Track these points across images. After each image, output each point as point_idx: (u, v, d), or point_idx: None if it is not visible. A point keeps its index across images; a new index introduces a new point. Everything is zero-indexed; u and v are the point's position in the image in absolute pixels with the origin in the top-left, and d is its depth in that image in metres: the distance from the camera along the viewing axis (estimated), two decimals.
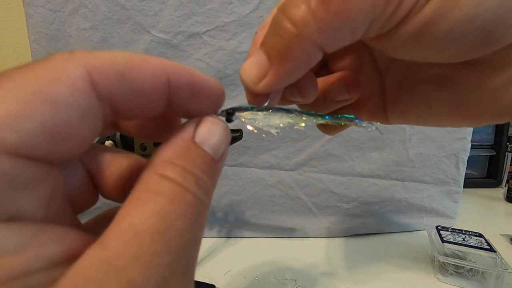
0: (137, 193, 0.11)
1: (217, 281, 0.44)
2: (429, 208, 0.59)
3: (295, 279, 0.45)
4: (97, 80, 0.10)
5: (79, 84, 0.10)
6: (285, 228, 0.57)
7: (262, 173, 0.55)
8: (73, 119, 0.10)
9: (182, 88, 0.12)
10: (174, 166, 0.12)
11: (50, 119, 0.09)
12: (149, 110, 0.12)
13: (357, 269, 0.48)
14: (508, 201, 0.73)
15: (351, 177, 0.56)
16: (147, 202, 0.11)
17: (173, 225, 0.10)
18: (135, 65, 0.11)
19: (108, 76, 0.10)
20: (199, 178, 0.12)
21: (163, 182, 0.11)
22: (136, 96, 0.11)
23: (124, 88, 0.11)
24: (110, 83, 0.10)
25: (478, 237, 0.48)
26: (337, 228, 0.57)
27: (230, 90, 0.51)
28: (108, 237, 0.10)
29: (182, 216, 0.11)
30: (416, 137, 0.55)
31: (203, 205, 0.12)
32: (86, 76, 0.10)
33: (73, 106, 0.10)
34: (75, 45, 0.48)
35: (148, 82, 0.11)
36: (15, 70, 0.09)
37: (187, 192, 0.11)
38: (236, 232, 0.57)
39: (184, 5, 0.47)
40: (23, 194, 0.10)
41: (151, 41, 0.48)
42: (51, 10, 0.46)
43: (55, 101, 0.09)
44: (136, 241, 0.10)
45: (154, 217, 0.10)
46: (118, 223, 0.10)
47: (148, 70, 0.11)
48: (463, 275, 0.44)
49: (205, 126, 0.13)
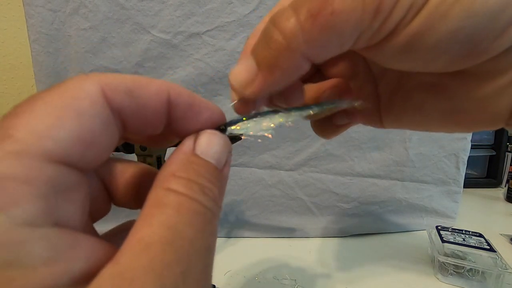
0: (146, 209, 0.11)
1: (217, 281, 0.44)
2: (429, 208, 0.59)
3: (295, 279, 0.45)
4: (109, 94, 0.12)
5: (96, 98, 0.11)
6: (285, 228, 0.57)
7: (262, 173, 0.55)
8: (95, 127, 0.11)
9: (181, 106, 0.13)
10: (178, 179, 0.12)
11: (78, 127, 0.11)
12: (152, 126, 0.13)
13: (357, 269, 0.48)
14: (508, 201, 0.73)
15: (351, 177, 0.56)
16: (154, 215, 0.11)
17: (181, 235, 0.11)
18: (141, 84, 0.13)
19: (118, 92, 0.12)
20: (204, 187, 0.12)
21: (169, 195, 0.12)
22: (141, 111, 0.13)
23: (131, 103, 0.12)
24: (120, 98, 0.12)
25: (478, 237, 0.48)
26: (337, 228, 0.57)
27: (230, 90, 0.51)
28: (121, 253, 0.10)
29: (189, 225, 0.11)
30: (416, 137, 0.55)
31: (210, 213, 0.12)
32: (100, 91, 0.11)
33: (94, 116, 0.11)
34: (75, 45, 0.48)
35: (152, 98, 0.13)
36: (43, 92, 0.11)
37: (193, 201, 0.12)
38: (236, 232, 0.57)
39: (184, 5, 0.47)
40: (65, 200, 0.10)
41: (151, 41, 0.48)
42: (51, 10, 0.46)
43: (79, 113, 0.11)
44: (146, 253, 0.10)
45: (162, 228, 0.11)
46: (129, 238, 0.11)
47: (152, 88, 0.13)
48: (463, 275, 0.44)
49: (204, 138, 0.14)
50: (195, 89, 0.51)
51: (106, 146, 0.12)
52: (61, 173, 0.10)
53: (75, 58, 0.48)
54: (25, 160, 0.09)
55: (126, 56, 0.49)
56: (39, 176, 0.10)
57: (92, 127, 0.11)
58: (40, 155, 0.10)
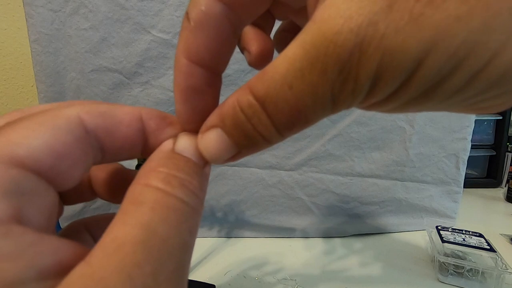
0: (123, 207, 0.11)
1: (217, 281, 0.44)
2: (429, 208, 0.59)
3: (295, 279, 0.45)
4: (84, 117, 0.13)
5: (72, 119, 0.12)
6: (285, 228, 0.57)
7: (262, 173, 0.55)
8: (68, 140, 0.12)
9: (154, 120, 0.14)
10: (158, 173, 0.12)
11: (51, 139, 0.11)
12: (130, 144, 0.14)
13: (357, 269, 0.48)
14: (508, 201, 0.73)
15: (351, 177, 0.56)
16: (129, 213, 0.11)
17: (155, 233, 0.11)
18: (115, 106, 0.14)
19: (92, 113, 0.13)
20: (184, 180, 0.12)
21: (145, 191, 0.12)
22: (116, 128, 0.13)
23: (105, 122, 0.13)
24: (94, 119, 0.13)
25: (478, 237, 0.48)
26: (337, 228, 0.57)
27: (230, 90, 0.51)
28: (93, 253, 0.10)
29: (164, 222, 0.11)
30: (416, 137, 0.55)
31: (189, 208, 0.12)
32: (76, 113, 0.12)
33: (67, 132, 0.12)
34: (75, 45, 0.48)
35: (125, 116, 0.14)
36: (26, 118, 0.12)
37: (170, 196, 0.12)
38: (236, 232, 0.57)
39: (184, 5, 0.47)
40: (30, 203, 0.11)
41: (151, 41, 0.48)
42: (51, 10, 0.46)
43: (55, 127, 0.12)
44: (118, 253, 0.10)
45: (136, 227, 0.10)
46: (103, 238, 0.11)
47: (125, 109, 0.14)
48: (463, 275, 0.44)
49: (181, 138, 0.14)
50: None
51: (79, 161, 0.12)
52: (28, 178, 0.11)
53: (75, 58, 0.48)
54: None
55: (126, 56, 0.49)
56: (4, 177, 0.10)
57: (65, 139, 0.12)
58: (8, 159, 0.10)
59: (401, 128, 0.55)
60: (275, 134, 0.13)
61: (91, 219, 0.17)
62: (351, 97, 0.12)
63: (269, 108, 0.12)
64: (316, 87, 0.11)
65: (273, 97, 0.12)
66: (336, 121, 0.54)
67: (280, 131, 0.13)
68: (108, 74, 0.49)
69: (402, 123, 0.54)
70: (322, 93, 0.12)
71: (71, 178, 0.12)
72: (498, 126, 0.79)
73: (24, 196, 0.10)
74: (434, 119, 0.55)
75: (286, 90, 0.12)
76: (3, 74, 0.73)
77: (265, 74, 0.12)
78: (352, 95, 0.12)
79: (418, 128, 0.55)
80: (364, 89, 0.11)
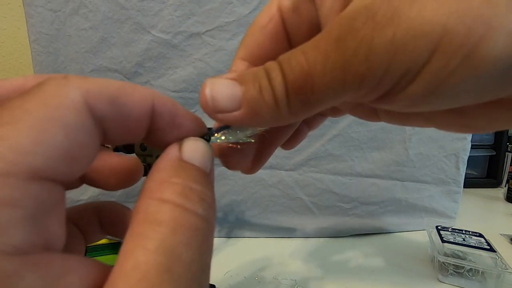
0: (137, 226, 0.11)
1: (217, 281, 0.44)
2: (429, 208, 0.59)
3: (295, 279, 0.45)
4: (92, 103, 0.11)
5: (79, 107, 0.10)
6: (285, 228, 0.57)
7: (262, 173, 0.55)
8: (81, 139, 0.10)
9: (164, 116, 0.13)
10: (173, 185, 0.11)
11: (65, 141, 0.10)
12: (133, 135, 0.13)
13: (357, 269, 0.48)
14: (508, 201, 0.73)
15: (351, 177, 0.56)
16: (148, 236, 0.10)
17: (179, 259, 0.10)
18: (126, 91, 0.12)
19: (101, 100, 0.11)
20: (201, 192, 0.12)
21: (163, 209, 0.11)
22: (124, 120, 0.12)
23: (114, 112, 0.11)
24: (103, 106, 0.11)
25: (478, 237, 0.48)
26: (337, 228, 0.57)
27: None
28: (115, 282, 0.09)
29: (187, 246, 0.10)
30: (416, 137, 0.55)
31: (207, 224, 0.11)
32: (83, 99, 0.11)
33: (79, 128, 0.10)
34: (75, 45, 0.48)
35: (136, 108, 0.12)
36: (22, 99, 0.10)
37: (190, 214, 0.11)
38: (236, 232, 0.57)
39: (184, 5, 0.47)
40: (51, 218, 0.10)
41: (151, 41, 0.48)
42: (51, 10, 0.46)
43: (66, 125, 0.10)
44: (143, 284, 0.09)
45: (158, 253, 0.10)
46: (122, 264, 0.10)
47: (137, 97, 0.12)
48: (463, 275, 0.44)
49: (188, 145, 0.13)
50: (195, 89, 0.51)
51: (89, 156, 0.11)
52: (47, 190, 0.10)
53: (75, 58, 0.48)
54: (11, 180, 0.09)
55: (126, 56, 0.49)
56: (26, 197, 0.09)
57: (78, 139, 0.10)
58: (25, 173, 0.09)
59: (401, 128, 0.55)
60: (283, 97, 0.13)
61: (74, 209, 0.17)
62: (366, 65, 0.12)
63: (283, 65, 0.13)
64: (328, 53, 0.12)
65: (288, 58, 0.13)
66: (336, 121, 0.54)
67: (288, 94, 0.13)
68: (108, 74, 0.49)
69: None
70: (333, 60, 0.12)
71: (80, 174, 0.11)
72: None
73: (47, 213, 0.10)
74: None
75: (300, 55, 0.13)
76: (3, 74, 0.73)
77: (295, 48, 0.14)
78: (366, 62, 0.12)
79: (418, 128, 0.55)
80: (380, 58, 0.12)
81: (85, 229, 0.17)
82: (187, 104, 0.51)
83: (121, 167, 0.16)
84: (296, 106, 0.13)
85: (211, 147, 0.14)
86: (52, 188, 0.10)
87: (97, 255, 0.44)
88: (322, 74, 0.12)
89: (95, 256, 0.43)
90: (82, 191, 0.54)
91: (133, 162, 0.16)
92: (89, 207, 0.17)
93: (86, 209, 0.17)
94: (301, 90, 0.13)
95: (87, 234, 0.17)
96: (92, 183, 0.15)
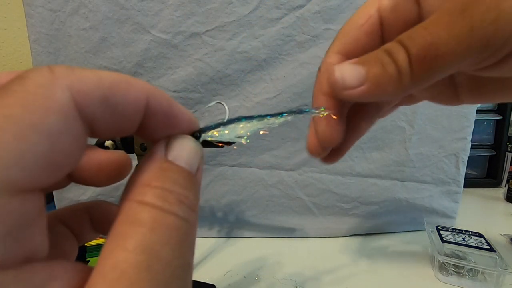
0: (118, 227, 0.11)
1: (217, 281, 0.44)
2: (429, 208, 0.59)
3: (295, 279, 0.45)
4: (82, 103, 0.10)
5: (67, 110, 0.10)
6: (285, 228, 0.57)
7: (262, 173, 0.55)
8: (67, 146, 0.10)
9: (158, 115, 0.12)
10: (153, 189, 0.11)
11: (49, 150, 0.09)
12: (123, 132, 0.12)
13: (357, 269, 0.48)
14: (508, 201, 0.73)
15: (351, 177, 0.56)
16: (127, 236, 0.10)
17: (158, 257, 0.10)
18: (119, 88, 0.11)
19: (92, 100, 0.10)
20: (180, 195, 0.12)
21: (143, 210, 0.11)
22: (115, 119, 0.11)
23: (105, 112, 0.11)
24: (93, 107, 0.10)
25: (478, 237, 0.48)
26: (337, 228, 0.57)
27: (230, 90, 0.51)
28: (94, 282, 0.09)
29: (166, 245, 0.10)
30: (416, 137, 0.55)
31: (188, 224, 0.12)
32: (71, 100, 0.10)
33: (66, 134, 0.10)
34: (75, 45, 0.48)
35: (130, 107, 0.11)
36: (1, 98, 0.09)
37: (169, 214, 0.11)
38: (236, 232, 0.57)
39: (184, 5, 0.47)
40: (32, 228, 0.10)
41: (151, 41, 0.48)
42: (51, 10, 0.46)
43: (50, 132, 0.09)
44: (122, 282, 0.09)
45: (137, 252, 0.10)
46: (102, 263, 0.10)
47: (131, 95, 0.11)
48: (463, 275, 0.44)
49: (175, 144, 0.13)
50: (195, 89, 0.51)
51: (75, 160, 0.11)
52: (28, 201, 0.09)
53: (75, 58, 0.48)
54: None
55: (126, 56, 0.49)
56: (5, 213, 0.09)
57: (63, 146, 0.10)
58: (5, 187, 0.09)
59: (401, 128, 0.55)
60: (406, 68, 0.15)
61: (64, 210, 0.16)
62: (493, 27, 0.14)
63: (405, 42, 0.15)
64: (453, 25, 0.14)
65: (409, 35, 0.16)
66: None
67: (412, 64, 0.15)
68: None
69: (402, 123, 0.54)
70: (460, 27, 0.14)
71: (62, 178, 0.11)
72: (498, 126, 0.79)
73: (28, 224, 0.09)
74: (434, 119, 0.55)
75: (421, 30, 0.15)
76: None
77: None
78: (493, 24, 0.14)
79: (418, 128, 0.55)
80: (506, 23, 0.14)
81: (76, 229, 0.17)
82: (187, 104, 0.51)
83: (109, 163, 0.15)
84: (418, 74, 0.15)
85: (200, 145, 0.14)
86: (32, 198, 0.09)
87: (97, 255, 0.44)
88: (446, 42, 0.14)
89: (94, 256, 0.43)
90: (82, 191, 0.54)
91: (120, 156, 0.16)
92: (79, 207, 0.17)
93: (76, 210, 0.17)
94: (425, 59, 0.15)
95: (79, 235, 0.17)
96: (80, 181, 0.15)
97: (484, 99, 0.21)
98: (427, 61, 0.15)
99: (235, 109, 0.51)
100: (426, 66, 0.15)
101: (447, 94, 0.22)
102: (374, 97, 0.17)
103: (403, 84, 0.16)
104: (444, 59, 0.15)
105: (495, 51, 0.15)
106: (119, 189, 0.51)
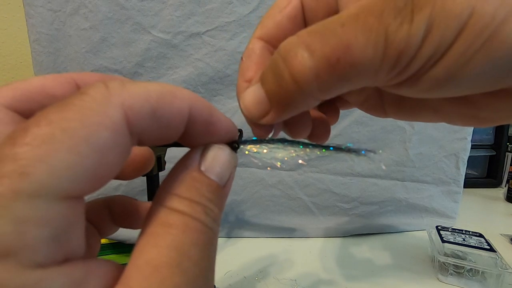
0: (149, 228, 0.11)
1: (217, 281, 0.44)
2: (429, 208, 0.59)
3: (295, 279, 0.45)
4: (132, 119, 0.11)
5: (119, 127, 0.10)
6: (285, 228, 0.57)
7: (262, 173, 0.55)
8: (114, 160, 0.11)
9: (198, 124, 0.13)
10: (182, 199, 0.12)
11: (97, 163, 0.10)
12: (165, 141, 0.13)
13: (357, 269, 0.48)
14: (508, 201, 0.73)
15: (351, 177, 0.56)
16: (160, 236, 0.11)
17: (188, 256, 0.11)
18: (165, 101, 0.11)
19: (142, 116, 0.11)
20: (206, 207, 0.12)
21: (173, 215, 0.12)
22: (161, 131, 0.12)
23: (153, 125, 0.11)
24: (143, 122, 0.11)
25: (478, 237, 0.48)
26: (337, 228, 0.57)
27: (231, 90, 0.51)
28: (130, 276, 0.10)
29: (195, 245, 0.11)
30: (416, 137, 0.55)
31: (212, 232, 0.12)
32: (124, 117, 0.10)
33: (114, 149, 0.10)
34: (75, 45, 0.48)
35: (175, 119, 0.12)
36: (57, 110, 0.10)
37: (197, 221, 0.12)
38: (236, 232, 0.57)
39: (184, 5, 0.47)
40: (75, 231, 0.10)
41: (151, 41, 0.48)
42: (51, 10, 0.46)
43: (101, 147, 0.10)
44: (156, 276, 0.10)
45: (169, 249, 0.11)
46: (136, 260, 0.11)
47: (175, 107, 0.12)
48: (463, 275, 0.44)
49: (210, 154, 0.14)
50: (195, 89, 0.51)
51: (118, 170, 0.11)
52: (72, 208, 0.10)
53: (75, 58, 0.48)
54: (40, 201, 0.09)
55: (126, 56, 0.49)
56: (53, 217, 0.09)
57: (111, 160, 0.10)
58: (56, 194, 0.09)
59: (401, 128, 0.55)
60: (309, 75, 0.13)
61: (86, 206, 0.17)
62: (406, 40, 0.12)
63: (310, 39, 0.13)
64: (371, 26, 0.12)
65: (319, 31, 0.13)
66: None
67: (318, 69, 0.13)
68: (108, 74, 0.49)
69: (402, 123, 0.54)
70: (376, 30, 0.12)
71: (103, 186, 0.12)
72: (498, 126, 0.79)
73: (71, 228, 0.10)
74: None
75: (337, 27, 0.13)
76: (3, 74, 0.73)
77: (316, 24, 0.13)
78: (407, 37, 0.12)
79: (418, 128, 0.55)
80: (419, 34, 0.12)
81: (98, 223, 0.18)
82: None
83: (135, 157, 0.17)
84: (328, 82, 0.13)
85: (235, 155, 0.14)
86: (75, 204, 0.10)
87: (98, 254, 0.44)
88: (363, 46, 0.12)
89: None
90: None
91: (145, 151, 0.17)
92: (99, 201, 0.18)
93: (96, 204, 0.18)
94: (337, 64, 0.13)
95: (101, 228, 0.18)
96: None
97: (408, 117, 0.20)
98: (340, 67, 0.13)
99: (235, 109, 0.51)
100: (337, 73, 0.13)
101: (375, 106, 0.21)
102: (287, 116, 0.15)
103: (309, 96, 0.14)
104: (356, 69, 0.13)
105: (404, 68, 0.13)
106: (118, 189, 0.51)
